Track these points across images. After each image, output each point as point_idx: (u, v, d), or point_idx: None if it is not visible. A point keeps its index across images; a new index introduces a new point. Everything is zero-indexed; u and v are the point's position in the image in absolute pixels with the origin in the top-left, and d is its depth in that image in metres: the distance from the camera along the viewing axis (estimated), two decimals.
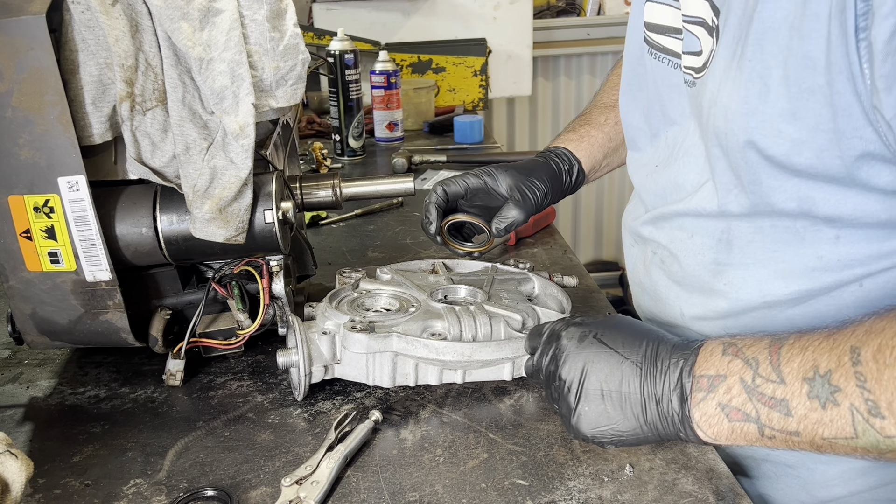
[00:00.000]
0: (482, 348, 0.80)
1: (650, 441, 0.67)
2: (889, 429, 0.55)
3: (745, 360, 0.62)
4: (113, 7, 0.76)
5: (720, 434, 0.64)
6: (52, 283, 0.81)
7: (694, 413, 0.64)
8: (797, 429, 0.60)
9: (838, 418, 0.57)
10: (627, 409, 0.66)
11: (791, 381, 0.59)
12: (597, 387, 0.67)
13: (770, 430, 0.61)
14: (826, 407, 0.58)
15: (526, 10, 2.55)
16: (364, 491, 0.69)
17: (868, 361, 0.55)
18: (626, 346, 0.68)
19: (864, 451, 0.58)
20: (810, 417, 0.59)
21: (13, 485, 0.61)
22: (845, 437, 0.58)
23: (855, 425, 0.57)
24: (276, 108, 0.84)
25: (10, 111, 0.74)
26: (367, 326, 0.80)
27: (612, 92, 1.09)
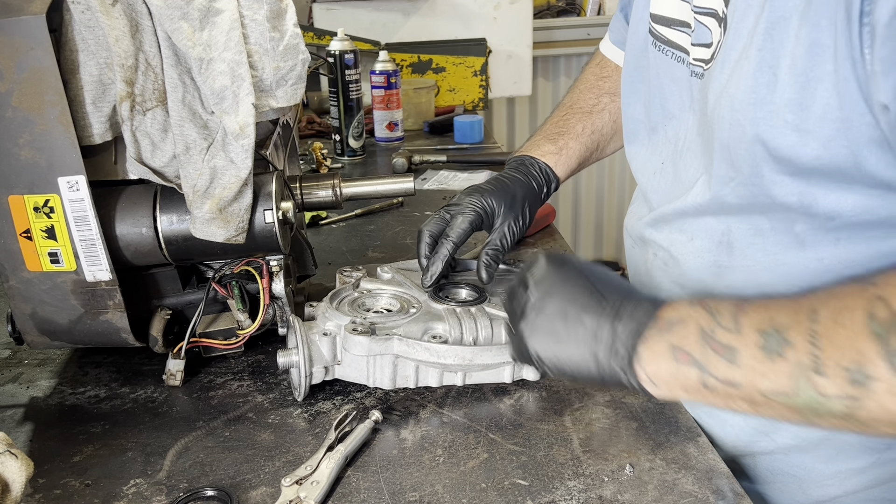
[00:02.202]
0: (483, 352, 0.80)
1: (589, 377, 0.66)
2: (828, 388, 0.55)
3: (709, 309, 0.62)
4: (113, 7, 0.76)
5: (660, 375, 0.63)
6: (52, 283, 0.81)
7: (643, 350, 0.63)
8: (739, 380, 0.59)
9: (781, 372, 0.57)
10: (580, 333, 0.65)
11: (747, 332, 0.59)
12: (559, 306, 0.67)
13: (713, 380, 0.60)
14: (773, 360, 0.57)
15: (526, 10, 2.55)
16: (364, 491, 0.69)
17: (825, 321, 0.56)
18: (603, 281, 0.68)
19: (796, 413, 0.58)
20: (754, 369, 0.58)
21: (13, 485, 0.61)
22: (783, 392, 0.57)
23: (796, 381, 0.56)
24: (276, 108, 0.84)
25: (10, 111, 0.74)
26: (367, 329, 0.80)
27: (588, 95, 1.08)
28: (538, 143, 1.04)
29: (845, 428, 0.58)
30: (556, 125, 1.07)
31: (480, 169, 1.77)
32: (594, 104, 1.07)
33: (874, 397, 0.53)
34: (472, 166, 1.80)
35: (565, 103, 1.10)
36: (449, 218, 0.91)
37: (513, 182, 0.97)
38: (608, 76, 1.09)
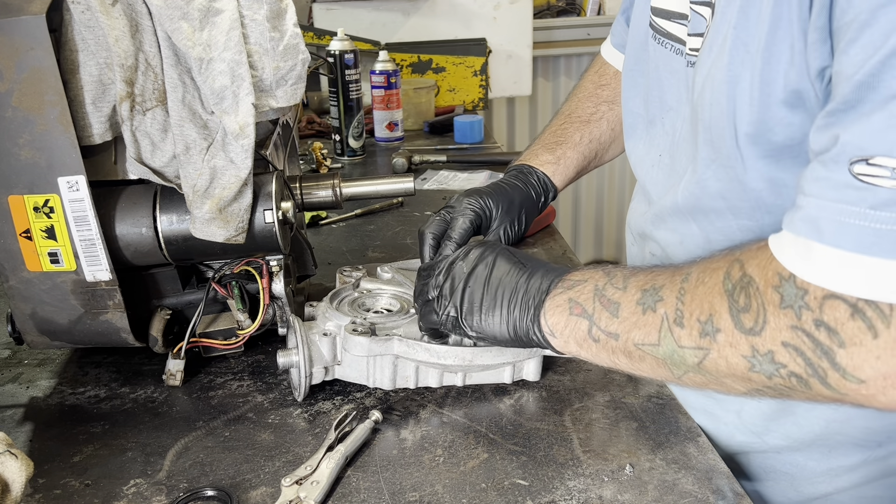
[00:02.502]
0: (483, 353, 0.80)
1: (505, 336, 0.73)
2: (684, 339, 0.60)
3: (607, 272, 0.70)
4: (113, 7, 0.76)
5: (558, 326, 0.70)
6: (52, 283, 0.81)
7: (547, 304, 0.71)
8: (618, 331, 0.66)
9: (651, 324, 0.63)
10: (499, 295, 0.73)
11: (631, 290, 0.66)
12: (485, 273, 0.75)
13: (597, 331, 0.67)
14: (646, 313, 0.64)
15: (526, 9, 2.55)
16: (364, 491, 0.69)
17: (692, 280, 0.61)
18: (525, 256, 0.76)
19: (662, 366, 0.63)
20: (631, 321, 0.65)
21: (13, 485, 0.61)
22: (650, 343, 0.63)
23: (660, 332, 0.62)
24: (276, 108, 0.84)
25: (10, 111, 0.74)
26: (368, 329, 0.80)
27: (587, 103, 1.09)
28: (537, 152, 1.06)
29: (701, 384, 0.62)
30: (555, 134, 1.07)
31: (480, 169, 1.77)
32: (592, 113, 1.07)
33: (717, 348, 0.58)
34: (472, 166, 1.80)
35: (564, 111, 1.11)
36: (449, 219, 0.92)
37: (511, 188, 0.98)
38: (607, 84, 1.09)
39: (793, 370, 0.54)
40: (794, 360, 0.53)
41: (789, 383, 0.55)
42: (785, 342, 0.53)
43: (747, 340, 0.56)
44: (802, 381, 0.54)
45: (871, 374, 0.50)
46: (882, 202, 0.47)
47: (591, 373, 0.87)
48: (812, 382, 0.53)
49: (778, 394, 0.57)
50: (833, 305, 0.51)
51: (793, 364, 0.53)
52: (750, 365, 0.56)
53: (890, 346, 0.49)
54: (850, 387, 0.51)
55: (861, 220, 0.48)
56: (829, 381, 0.52)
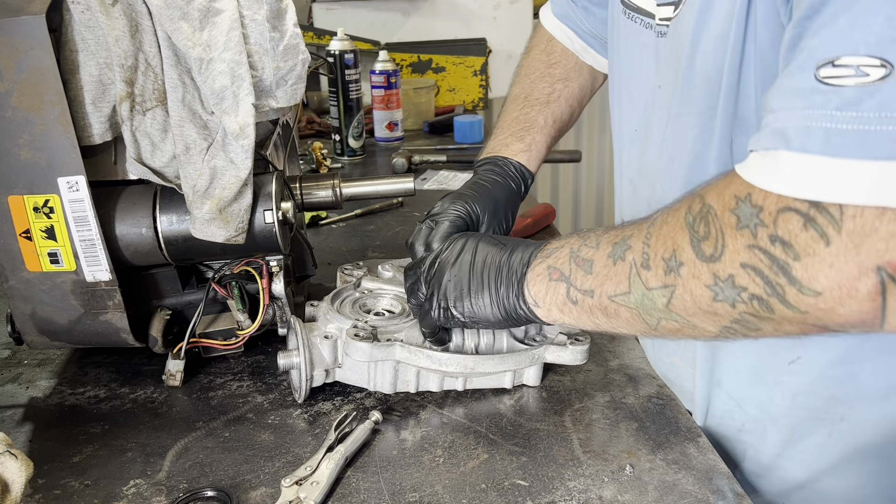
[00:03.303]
0: (485, 361, 0.80)
1: (496, 317, 0.74)
2: (651, 280, 0.60)
3: (581, 235, 0.70)
4: (113, 7, 0.76)
5: (539, 294, 0.71)
6: (51, 283, 0.81)
7: (529, 275, 0.72)
8: (593, 287, 0.66)
9: (620, 273, 0.64)
10: (485, 277, 0.75)
11: (603, 246, 0.66)
12: (469, 258, 0.76)
13: (574, 291, 0.68)
14: (616, 263, 0.64)
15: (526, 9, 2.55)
16: (364, 491, 0.69)
17: (658, 223, 0.61)
18: (507, 239, 0.78)
19: (637, 317, 0.63)
20: (603, 274, 0.65)
21: (13, 485, 0.61)
22: (622, 292, 0.63)
23: (630, 279, 0.63)
24: (276, 108, 0.84)
25: (9, 111, 0.74)
26: (369, 335, 0.79)
27: (541, 84, 1.06)
28: (506, 142, 1.03)
29: (675, 331, 0.62)
30: (519, 121, 1.05)
31: None
32: (549, 93, 1.05)
33: (682, 283, 0.58)
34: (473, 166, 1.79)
35: (519, 95, 1.07)
36: (434, 226, 0.88)
37: (493, 186, 0.96)
38: (557, 62, 1.07)
39: (753, 292, 0.53)
40: (754, 281, 0.53)
41: (752, 308, 0.54)
42: (744, 263, 0.53)
43: (708, 268, 0.55)
44: (764, 304, 0.53)
45: (827, 285, 0.49)
46: (847, 102, 0.46)
47: (591, 373, 0.87)
48: (773, 303, 0.52)
49: (746, 328, 0.57)
50: (786, 218, 0.50)
51: (752, 285, 0.53)
52: (713, 294, 0.56)
53: (842, 253, 0.48)
54: (809, 301, 0.50)
55: (828, 122, 0.47)
56: (789, 299, 0.51)
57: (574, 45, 1.04)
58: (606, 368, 0.88)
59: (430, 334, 0.80)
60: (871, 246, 0.47)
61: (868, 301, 0.48)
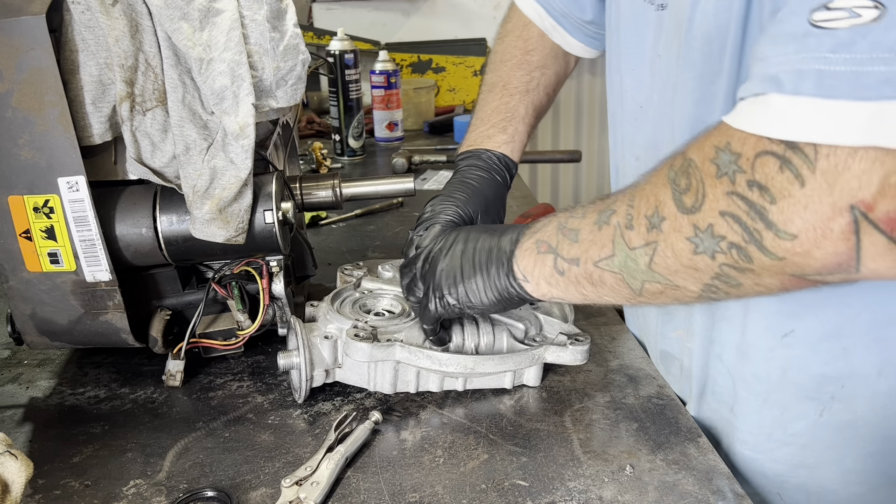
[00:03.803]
0: (485, 361, 0.80)
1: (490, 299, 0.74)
2: (633, 240, 0.60)
3: (569, 208, 0.71)
4: (113, 7, 0.76)
5: (528, 268, 0.71)
6: (51, 283, 0.81)
7: (517, 251, 0.72)
8: (578, 255, 0.66)
9: (605, 237, 0.64)
10: (476, 261, 0.75)
11: (590, 214, 0.66)
12: (461, 247, 0.77)
13: (562, 262, 0.68)
14: (601, 228, 0.64)
15: None
16: (364, 492, 0.69)
17: (642, 183, 0.61)
18: (497, 225, 0.80)
19: (621, 282, 0.63)
20: (588, 240, 0.65)
21: (13, 485, 0.60)
22: (606, 256, 0.63)
23: (614, 241, 0.62)
24: (276, 108, 0.84)
25: (10, 111, 0.74)
26: (369, 335, 0.79)
27: (519, 72, 1.04)
28: (489, 133, 1.01)
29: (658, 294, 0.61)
30: (499, 111, 1.03)
31: None
32: (528, 81, 1.04)
33: (664, 238, 0.58)
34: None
35: (497, 83, 1.05)
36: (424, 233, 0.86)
37: (481, 182, 0.94)
38: (534, 48, 1.05)
39: (732, 240, 0.53)
40: (732, 229, 0.52)
41: (731, 259, 0.54)
42: (722, 211, 0.53)
43: (689, 220, 0.55)
44: (742, 253, 0.53)
45: (802, 226, 0.49)
46: (840, 44, 0.46)
47: (591, 374, 0.87)
48: (751, 251, 0.52)
49: (727, 285, 0.56)
50: (763, 162, 0.50)
51: (731, 233, 0.53)
52: (693, 246, 0.55)
53: (817, 194, 0.47)
54: (785, 246, 0.50)
55: (821, 64, 0.47)
56: (766, 244, 0.51)
57: (544, 23, 1.02)
58: (606, 369, 0.88)
59: (432, 332, 0.80)
60: (845, 184, 0.46)
61: (842, 241, 0.48)
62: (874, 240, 0.47)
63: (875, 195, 0.46)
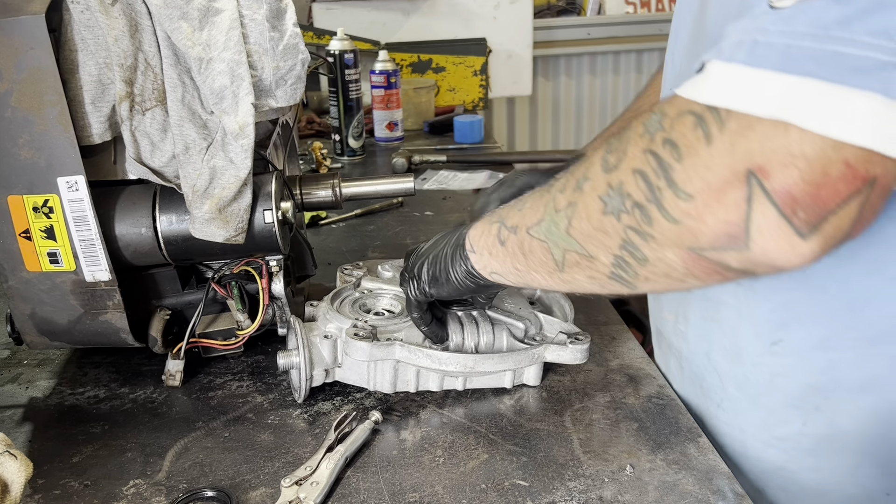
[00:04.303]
0: (485, 360, 0.80)
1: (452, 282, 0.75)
2: (560, 201, 0.60)
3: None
4: (112, 7, 0.76)
5: (475, 236, 0.72)
6: (51, 283, 0.81)
7: (471, 231, 0.73)
8: (517, 222, 0.66)
9: (541, 202, 0.63)
10: (446, 240, 0.77)
11: (544, 188, 0.65)
12: (432, 246, 0.79)
13: (504, 231, 0.68)
14: (542, 196, 0.64)
15: (526, 9, 2.55)
16: (364, 491, 0.69)
17: (588, 152, 0.61)
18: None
19: (546, 252, 0.63)
20: (528, 207, 0.65)
21: (13, 485, 0.60)
22: (536, 221, 0.63)
23: (546, 206, 0.62)
24: (276, 107, 0.84)
25: (9, 111, 0.74)
26: (369, 334, 0.79)
27: (654, 96, 1.06)
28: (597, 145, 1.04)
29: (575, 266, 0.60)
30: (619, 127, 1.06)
31: (480, 169, 1.77)
32: (656, 101, 1.05)
33: (582, 198, 0.57)
34: (472, 166, 1.80)
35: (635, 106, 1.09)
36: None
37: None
38: None
39: (636, 199, 0.52)
40: (638, 187, 0.52)
41: (635, 221, 0.53)
42: (635, 168, 0.52)
43: (606, 179, 0.55)
44: (645, 214, 0.52)
45: (700, 187, 0.48)
46: (782, 18, 0.46)
47: (591, 373, 0.87)
48: (651, 211, 0.51)
49: (634, 259, 0.55)
50: (682, 121, 0.49)
51: (636, 192, 0.52)
52: (603, 205, 0.55)
53: (719, 154, 0.47)
54: (681, 207, 0.49)
55: (760, 35, 0.47)
56: (665, 204, 0.50)
57: None
58: (607, 368, 0.88)
59: (420, 321, 0.81)
60: (746, 147, 0.46)
61: (734, 208, 0.47)
62: (765, 211, 0.46)
63: (774, 164, 0.45)
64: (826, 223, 0.46)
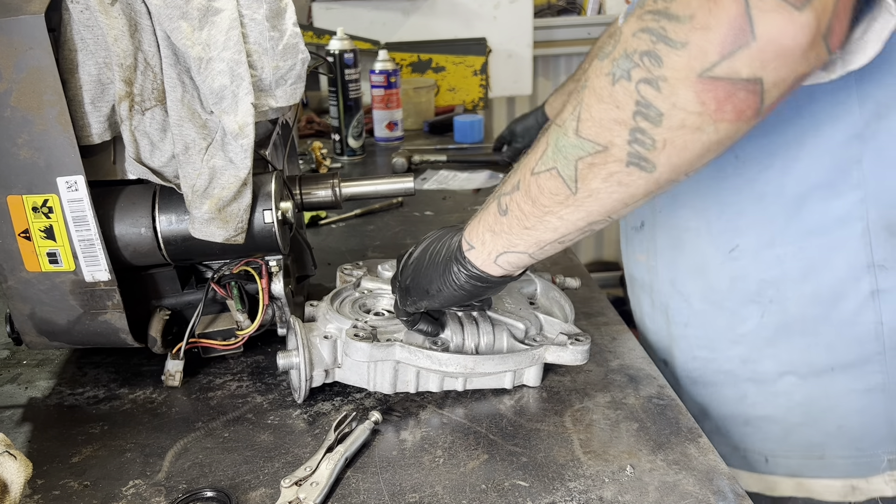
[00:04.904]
0: (485, 361, 0.79)
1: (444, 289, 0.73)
2: (566, 115, 0.60)
3: None
4: (112, 6, 0.76)
5: (472, 230, 0.70)
6: (50, 283, 0.81)
7: (465, 231, 0.72)
8: (517, 179, 0.65)
9: (542, 140, 0.63)
10: (432, 251, 0.75)
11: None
12: (422, 251, 0.77)
13: (504, 199, 0.66)
14: (539, 139, 0.63)
15: (526, 9, 2.55)
16: (364, 492, 0.69)
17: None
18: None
19: (555, 177, 0.61)
20: (525, 161, 0.65)
21: (12, 486, 0.60)
22: (541, 154, 0.62)
23: (548, 134, 0.62)
24: (276, 107, 0.84)
25: (8, 111, 0.74)
26: (369, 335, 0.79)
27: None
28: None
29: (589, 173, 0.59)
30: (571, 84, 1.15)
31: (480, 169, 1.77)
32: None
33: (587, 90, 0.58)
34: (472, 166, 1.80)
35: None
36: None
37: None
38: None
39: (643, 49, 0.53)
40: (641, 39, 0.53)
41: (645, 70, 0.53)
42: (635, 31, 0.54)
43: (609, 60, 0.56)
44: (653, 57, 0.53)
45: (697, 4, 0.50)
46: None
47: (591, 374, 0.87)
48: (658, 48, 0.52)
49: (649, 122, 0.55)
50: None
51: (641, 43, 0.53)
52: (612, 79, 0.55)
53: None
54: (685, 29, 0.51)
55: None
56: (670, 35, 0.51)
57: None
58: (607, 369, 0.88)
59: (410, 323, 0.81)
60: None
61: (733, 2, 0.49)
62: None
63: None
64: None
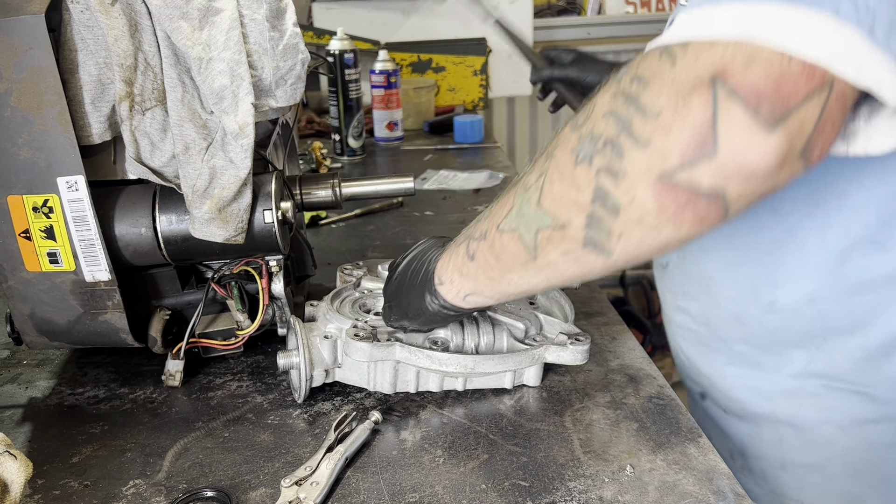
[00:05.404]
0: (485, 361, 0.79)
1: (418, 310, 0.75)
2: (530, 177, 0.60)
3: None
4: (112, 6, 0.76)
5: (443, 265, 0.72)
6: (51, 283, 0.81)
7: (438, 264, 0.73)
8: (485, 227, 0.66)
9: (509, 194, 0.63)
10: (414, 268, 0.76)
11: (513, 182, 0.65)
12: (406, 266, 0.78)
13: (473, 244, 0.68)
14: (507, 192, 0.64)
15: (526, 9, 2.55)
16: (364, 492, 0.69)
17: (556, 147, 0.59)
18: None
19: (517, 240, 0.61)
20: (496, 206, 0.65)
21: (12, 485, 0.60)
22: (506, 211, 0.63)
23: (514, 192, 0.62)
24: (276, 107, 0.84)
25: (8, 111, 0.74)
26: (369, 334, 0.79)
27: None
28: None
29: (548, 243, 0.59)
30: None
31: (480, 169, 1.77)
32: None
33: (553, 161, 0.57)
34: (472, 166, 1.80)
35: None
36: None
37: None
38: None
39: (608, 136, 0.52)
40: (608, 124, 0.52)
41: (606, 159, 0.52)
42: (605, 112, 0.53)
43: (577, 134, 0.55)
44: (615, 147, 0.51)
45: (666, 101, 0.48)
46: None
47: (591, 373, 0.87)
48: (621, 141, 0.51)
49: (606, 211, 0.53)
50: (649, 56, 0.51)
51: (607, 129, 0.52)
52: (575, 157, 0.54)
53: (684, 69, 0.48)
54: (650, 126, 0.49)
55: None
56: (634, 128, 0.50)
57: None
58: (607, 368, 0.88)
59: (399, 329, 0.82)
60: (709, 58, 0.47)
61: (700, 109, 0.47)
62: (730, 108, 0.47)
63: (737, 65, 0.46)
64: (790, 118, 0.47)
